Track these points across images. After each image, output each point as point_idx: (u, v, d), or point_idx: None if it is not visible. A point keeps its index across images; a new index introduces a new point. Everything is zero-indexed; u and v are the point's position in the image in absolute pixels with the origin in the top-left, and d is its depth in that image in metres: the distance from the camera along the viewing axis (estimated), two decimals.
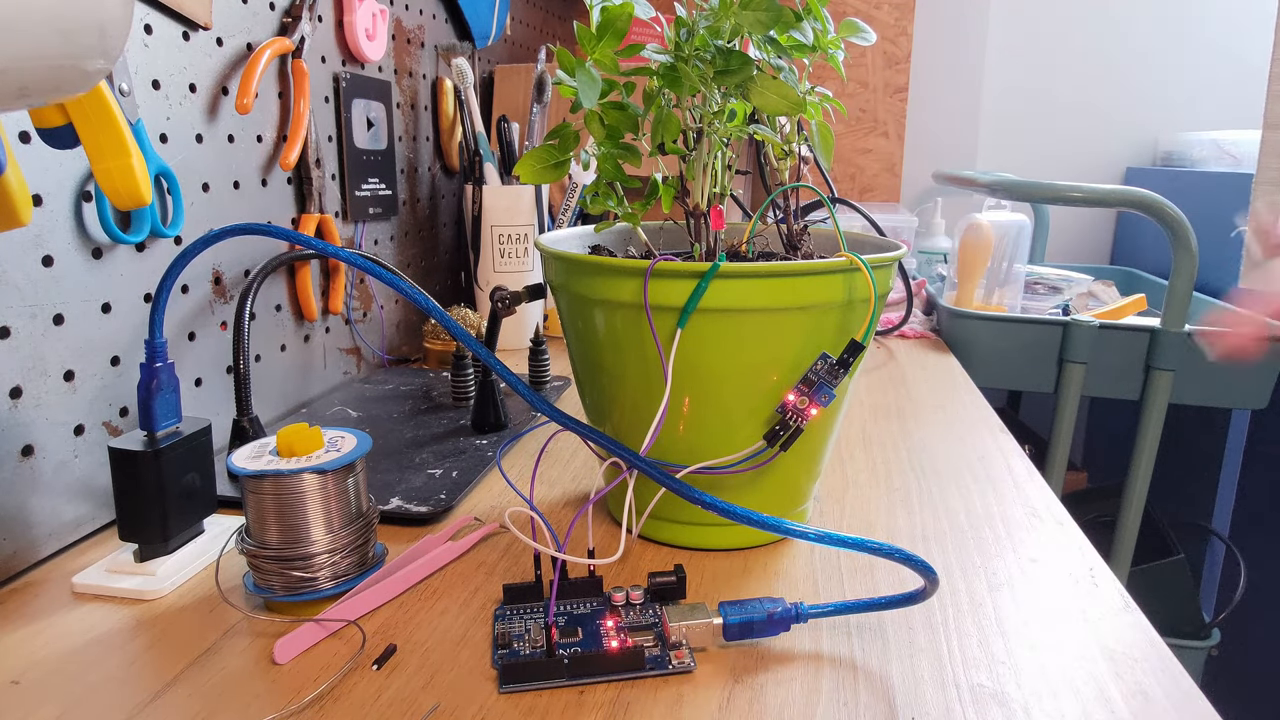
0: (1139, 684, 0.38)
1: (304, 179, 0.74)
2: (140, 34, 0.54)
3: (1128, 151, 1.76)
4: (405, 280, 0.45)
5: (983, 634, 0.42)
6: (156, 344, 0.46)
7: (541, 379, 0.79)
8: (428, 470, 0.60)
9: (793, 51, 0.46)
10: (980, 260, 1.10)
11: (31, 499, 0.48)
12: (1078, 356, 1.05)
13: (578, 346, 0.50)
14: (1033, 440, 1.52)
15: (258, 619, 0.43)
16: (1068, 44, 1.74)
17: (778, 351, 0.44)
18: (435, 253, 1.01)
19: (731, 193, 0.50)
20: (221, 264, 0.63)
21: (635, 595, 0.43)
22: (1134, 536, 1.11)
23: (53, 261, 0.49)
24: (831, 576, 0.47)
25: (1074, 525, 0.54)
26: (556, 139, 0.46)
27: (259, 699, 0.36)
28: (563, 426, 0.44)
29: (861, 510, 0.56)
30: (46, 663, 0.39)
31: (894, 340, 1.07)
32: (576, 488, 0.59)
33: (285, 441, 0.43)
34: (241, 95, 0.63)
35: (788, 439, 0.45)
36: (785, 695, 0.37)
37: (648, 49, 0.45)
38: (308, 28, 0.71)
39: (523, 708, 0.36)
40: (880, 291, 0.46)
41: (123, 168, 0.44)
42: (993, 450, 0.67)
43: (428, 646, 0.40)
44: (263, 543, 0.42)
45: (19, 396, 0.47)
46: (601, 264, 0.45)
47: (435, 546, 0.49)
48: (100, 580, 0.45)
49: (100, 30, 0.30)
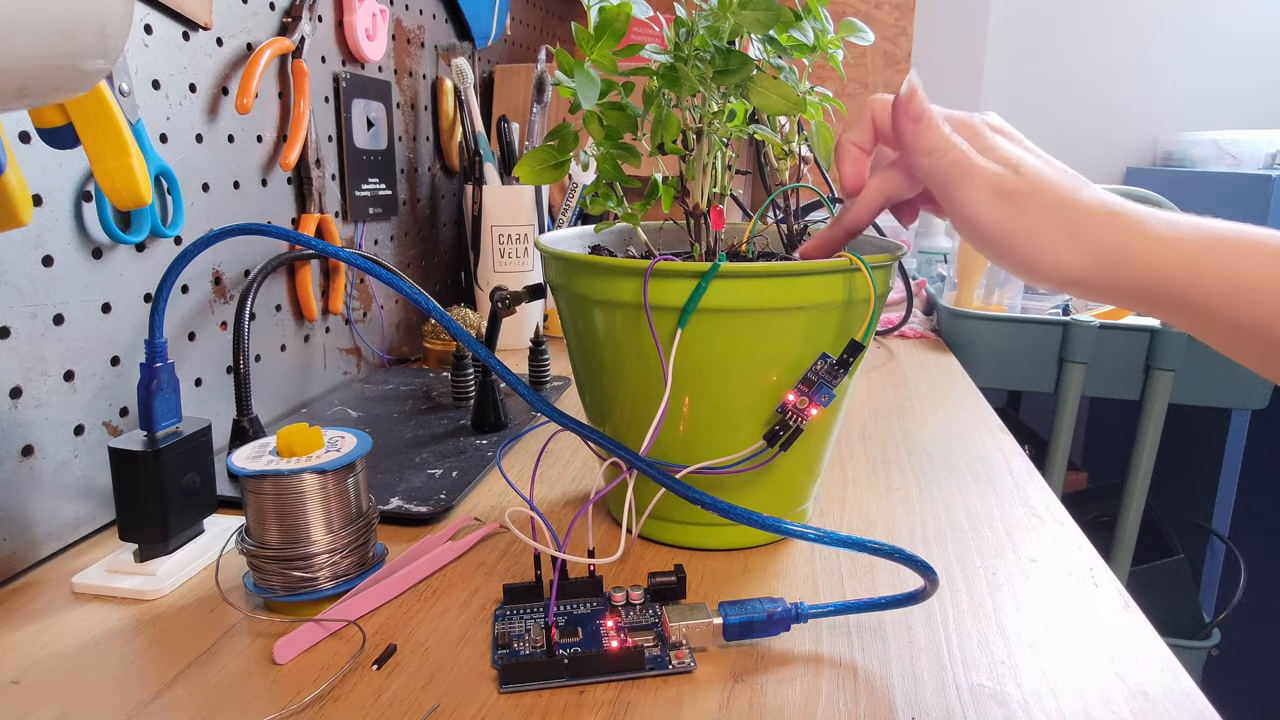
0: (1139, 684, 0.38)
1: (304, 179, 0.74)
2: (140, 34, 0.54)
3: (1128, 151, 1.76)
4: (405, 280, 0.45)
5: (983, 634, 0.42)
6: (156, 344, 0.46)
7: (541, 379, 0.79)
8: (428, 470, 0.60)
9: (793, 51, 0.46)
10: (980, 260, 1.10)
11: (31, 499, 0.48)
12: (1078, 356, 1.05)
13: (578, 346, 0.50)
14: (1033, 440, 1.52)
15: (258, 619, 0.43)
16: (1067, 44, 1.74)
17: (777, 351, 0.44)
18: (435, 253, 1.01)
19: (731, 193, 0.50)
20: (221, 264, 0.63)
21: (635, 595, 0.43)
22: (1134, 536, 1.11)
23: (53, 261, 0.49)
24: (831, 576, 0.47)
25: (1074, 525, 0.54)
26: (556, 139, 0.46)
27: (259, 699, 0.36)
28: (563, 426, 0.44)
29: (861, 510, 0.56)
30: (46, 663, 0.39)
31: (894, 340, 1.07)
32: (576, 488, 0.59)
33: (285, 441, 0.43)
34: (241, 95, 0.63)
35: (787, 439, 0.45)
36: (785, 695, 0.37)
37: (646, 49, 0.45)
38: (308, 28, 0.71)
39: (523, 708, 0.36)
40: (880, 291, 0.46)
41: (123, 168, 0.44)
42: (993, 450, 0.67)
43: (428, 646, 0.40)
44: (263, 543, 0.42)
45: (19, 396, 0.47)
46: (601, 264, 0.45)
47: (435, 546, 0.49)
48: (100, 580, 0.45)
49: (100, 30, 0.30)
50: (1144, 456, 1.07)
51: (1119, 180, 1.76)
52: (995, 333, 1.06)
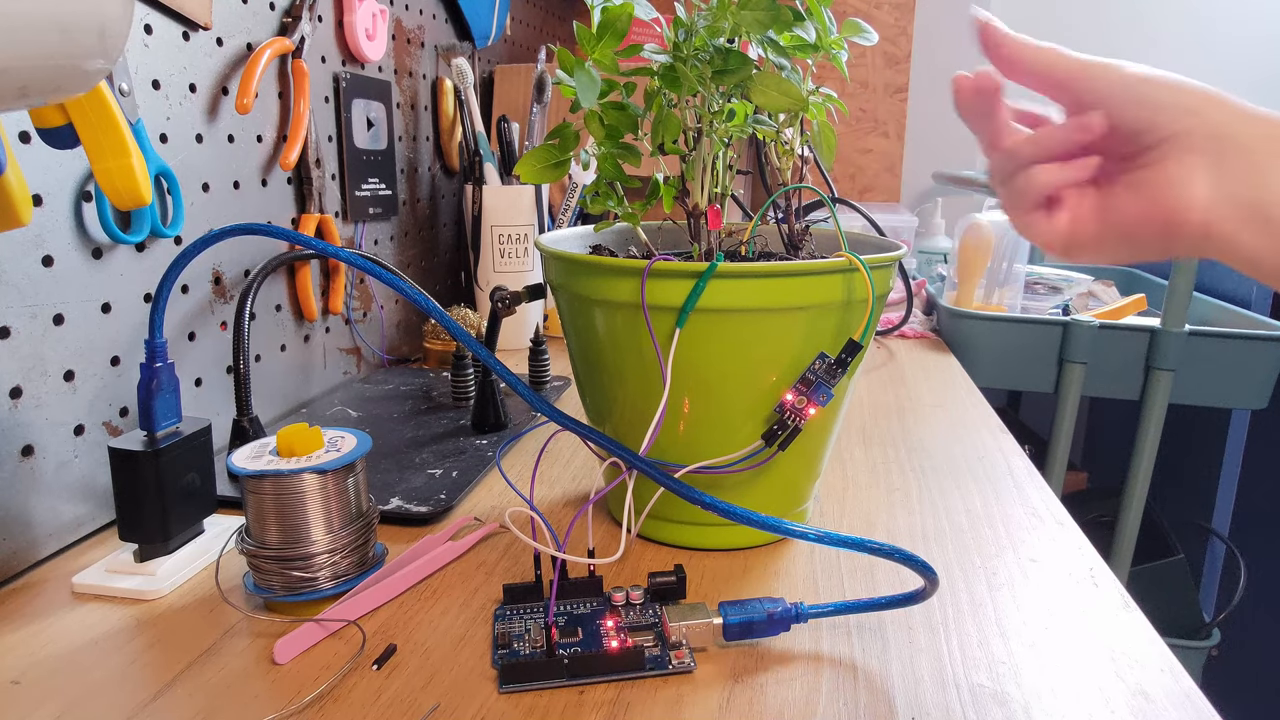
0: (1139, 684, 0.38)
1: (304, 179, 0.73)
2: (140, 34, 0.54)
3: None
4: (405, 280, 0.45)
5: (983, 634, 0.42)
6: (156, 344, 0.46)
7: (541, 379, 0.79)
8: (428, 470, 0.60)
9: (795, 51, 0.46)
10: (980, 260, 1.10)
11: (31, 499, 0.48)
12: (1078, 356, 1.05)
13: (578, 346, 0.50)
14: (1033, 440, 1.52)
15: (258, 619, 0.43)
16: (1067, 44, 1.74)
17: (776, 351, 0.44)
18: (435, 253, 1.01)
19: (732, 193, 0.50)
20: (221, 264, 0.63)
21: (635, 595, 0.43)
22: (1134, 536, 1.11)
23: (53, 261, 0.49)
24: (831, 576, 0.47)
25: (1074, 525, 0.54)
26: (556, 139, 0.46)
27: (259, 699, 0.36)
28: (563, 426, 0.44)
29: (861, 510, 0.56)
30: (46, 663, 0.39)
31: (894, 340, 1.07)
32: (576, 488, 0.59)
33: (285, 441, 0.43)
34: (241, 95, 0.63)
35: (786, 438, 0.45)
36: (785, 695, 0.37)
37: (647, 49, 0.45)
38: (308, 28, 0.71)
39: (523, 708, 0.36)
40: (879, 292, 0.46)
41: (123, 168, 0.44)
42: (993, 450, 0.67)
43: (428, 646, 0.40)
44: (263, 543, 0.42)
45: (19, 396, 0.47)
46: (600, 264, 0.45)
47: (435, 546, 0.49)
48: (100, 580, 0.45)
49: (100, 30, 0.30)
50: (1144, 456, 1.07)
51: None
52: (995, 333, 1.06)
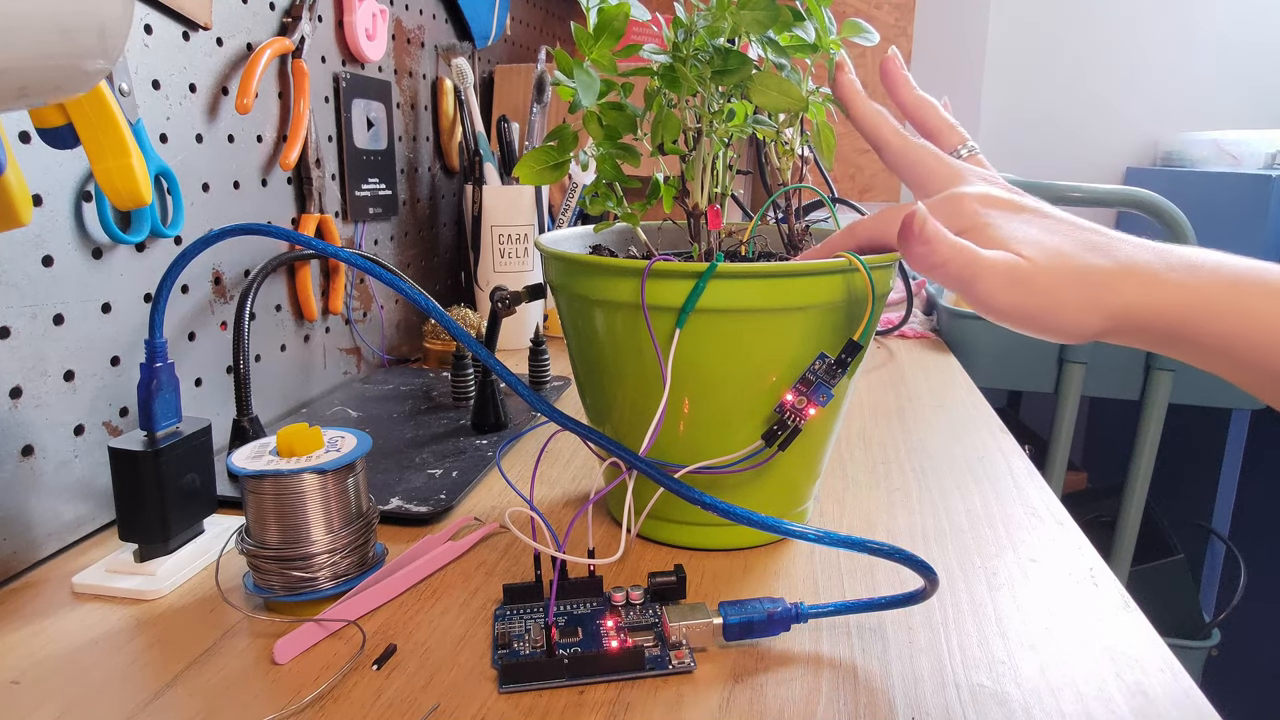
0: (1139, 684, 0.38)
1: (304, 179, 0.74)
2: (140, 34, 0.54)
3: (1128, 151, 1.76)
4: (405, 280, 0.45)
5: (983, 634, 0.42)
6: (156, 344, 0.46)
7: (541, 379, 0.79)
8: (428, 470, 0.60)
9: (794, 51, 0.46)
10: None
11: (31, 499, 0.48)
12: (1078, 356, 1.05)
13: (577, 346, 0.50)
14: (1033, 440, 1.52)
15: (258, 619, 0.43)
16: (1067, 44, 1.74)
17: (776, 351, 0.44)
18: (435, 253, 1.01)
19: (732, 193, 0.50)
20: (221, 264, 0.63)
21: (635, 595, 0.43)
22: (1134, 536, 1.11)
23: (53, 261, 0.49)
24: (831, 576, 0.47)
25: (1074, 525, 0.54)
26: (556, 139, 0.46)
27: (259, 699, 0.36)
28: (562, 426, 0.44)
29: (861, 510, 0.56)
30: (46, 663, 0.39)
31: (894, 340, 1.07)
32: (576, 488, 0.59)
33: (285, 441, 0.43)
34: (241, 95, 0.63)
35: (785, 439, 0.45)
36: (785, 695, 0.37)
37: (646, 49, 0.45)
38: (308, 28, 0.71)
39: (523, 708, 0.36)
40: (879, 292, 0.46)
41: (123, 168, 0.44)
42: (993, 450, 0.67)
43: (428, 646, 0.40)
44: (263, 543, 0.42)
45: (19, 396, 0.47)
46: (600, 264, 0.45)
47: (435, 546, 0.49)
48: (100, 580, 0.45)
49: (100, 30, 0.30)
50: (1144, 456, 1.08)
51: (1119, 180, 1.76)
52: (995, 333, 1.06)
